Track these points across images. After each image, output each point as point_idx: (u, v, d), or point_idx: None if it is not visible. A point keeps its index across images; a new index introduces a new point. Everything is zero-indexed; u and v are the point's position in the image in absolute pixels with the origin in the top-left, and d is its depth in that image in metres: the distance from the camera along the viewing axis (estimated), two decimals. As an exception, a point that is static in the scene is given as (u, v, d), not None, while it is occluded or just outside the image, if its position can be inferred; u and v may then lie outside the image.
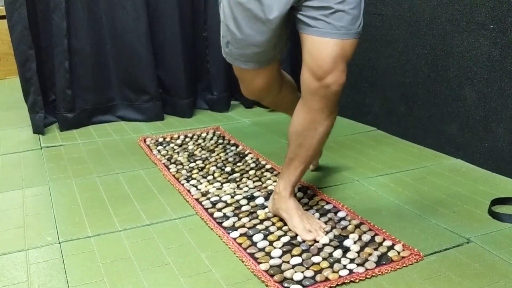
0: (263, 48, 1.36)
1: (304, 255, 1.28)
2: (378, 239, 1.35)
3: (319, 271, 1.21)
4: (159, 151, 2.04)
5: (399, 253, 1.28)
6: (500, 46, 1.71)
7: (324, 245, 1.32)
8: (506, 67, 1.70)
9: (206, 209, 1.53)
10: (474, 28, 1.78)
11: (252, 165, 1.88)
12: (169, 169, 1.85)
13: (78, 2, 2.28)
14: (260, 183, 1.73)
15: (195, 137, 2.22)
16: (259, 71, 1.46)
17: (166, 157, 1.97)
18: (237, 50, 1.39)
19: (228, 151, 2.04)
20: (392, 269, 1.22)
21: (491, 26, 1.72)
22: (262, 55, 1.39)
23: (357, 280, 1.18)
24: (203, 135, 2.24)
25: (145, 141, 2.17)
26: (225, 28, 1.39)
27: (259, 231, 1.40)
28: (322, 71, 1.25)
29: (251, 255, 1.28)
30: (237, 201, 1.59)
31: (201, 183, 1.73)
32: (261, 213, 1.50)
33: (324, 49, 1.25)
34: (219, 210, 1.53)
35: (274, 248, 1.31)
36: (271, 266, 1.23)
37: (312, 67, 1.27)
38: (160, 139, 2.19)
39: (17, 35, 2.19)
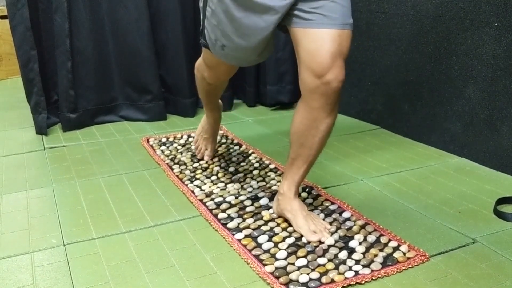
0: (261, 51, 1.39)
1: (310, 257, 1.27)
2: (383, 239, 1.35)
3: (325, 273, 1.21)
4: (162, 151, 2.04)
5: (404, 254, 1.28)
6: (504, 44, 1.70)
7: (330, 246, 1.32)
8: (511, 65, 1.69)
9: (211, 210, 1.53)
10: (478, 26, 1.77)
11: (256, 164, 1.88)
12: (172, 169, 1.85)
13: (80, 2, 2.28)
14: (264, 183, 1.72)
15: (198, 136, 2.21)
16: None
17: (170, 157, 1.97)
18: (234, 53, 1.41)
19: (231, 150, 2.04)
20: (398, 270, 1.22)
21: (496, 24, 1.71)
22: (257, 57, 1.43)
23: (363, 282, 1.18)
24: (206, 134, 2.23)
25: (148, 141, 2.17)
26: (219, 33, 1.39)
27: (264, 232, 1.39)
28: (321, 68, 1.25)
29: (256, 256, 1.28)
30: (241, 201, 1.58)
31: (205, 184, 1.72)
32: (265, 214, 1.49)
33: (321, 45, 1.25)
34: (224, 211, 1.52)
35: (279, 249, 1.31)
36: (276, 268, 1.23)
37: (310, 65, 1.26)
38: (164, 139, 2.19)
39: (19, 35, 2.19)
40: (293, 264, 1.25)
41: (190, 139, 2.18)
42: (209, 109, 1.88)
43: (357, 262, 1.25)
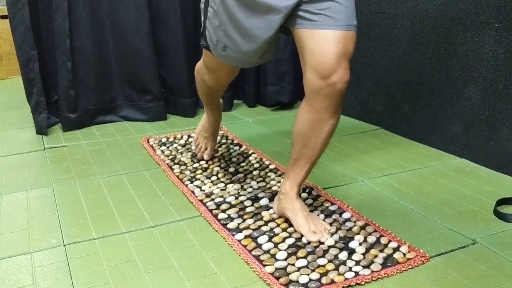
0: (263, 52, 1.38)
1: (310, 257, 1.27)
2: (383, 240, 1.35)
3: (325, 274, 1.21)
4: (162, 151, 2.04)
5: (404, 254, 1.28)
6: (505, 45, 1.70)
7: (330, 247, 1.32)
8: (511, 66, 1.69)
9: (211, 211, 1.53)
10: (479, 27, 1.77)
11: (256, 165, 1.88)
12: (172, 169, 1.85)
13: (80, 2, 2.28)
14: (264, 183, 1.72)
15: (198, 137, 2.21)
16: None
17: (170, 157, 1.97)
18: (236, 54, 1.40)
19: (231, 151, 2.04)
20: (398, 271, 1.22)
21: (496, 25, 1.71)
22: (259, 58, 1.41)
23: (363, 283, 1.18)
24: (206, 135, 2.23)
25: (148, 141, 2.17)
26: (221, 34, 1.38)
27: (264, 233, 1.39)
28: (326, 69, 1.25)
29: (256, 257, 1.28)
30: (241, 202, 1.58)
31: (205, 184, 1.72)
32: (265, 214, 1.49)
33: (326, 46, 1.25)
34: (224, 211, 1.52)
35: (279, 250, 1.31)
36: (276, 269, 1.23)
37: (315, 66, 1.26)
38: (164, 139, 2.19)
39: (20, 35, 2.19)
40: (293, 264, 1.25)
41: (190, 139, 2.18)
42: (210, 109, 1.88)
43: (357, 263, 1.25)
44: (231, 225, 1.44)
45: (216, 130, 1.95)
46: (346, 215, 1.48)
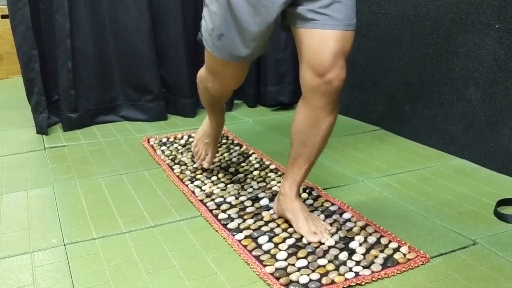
0: (261, 41, 1.33)
1: (310, 258, 1.27)
2: (383, 241, 1.35)
3: (325, 274, 1.21)
4: (163, 151, 2.04)
5: (405, 255, 1.28)
6: (505, 46, 1.70)
7: (330, 247, 1.32)
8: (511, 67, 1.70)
9: (211, 211, 1.53)
10: (480, 28, 1.77)
11: (256, 165, 1.88)
12: (173, 169, 1.85)
13: (80, 2, 2.28)
14: (264, 184, 1.72)
15: (199, 137, 2.21)
16: (241, 65, 1.44)
17: (170, 157, 1.97)
18: (231, 43, 1.34)
19: (232, 151, 2.04)
20: (398, 272, 1.22)
21: (497, 26, 1.71)
22: (255, 50, 1.36)
23: (363, 283, 1.18)
24: (207, 135, 2.23)
25: (148, 141, 2.17)
26: (218, 20, 1.33)
27: (264, 233, 1.39)
28: (323, 67, 1.25)
29: (257, 257, 1.28)
30: (242, 202, 1.58)
31: (205, 184, 1.72)
32: (266, 215, 1.49)
33: (325, 45, 1.25)
34: (224, 211, 1.52)
35: (280, 250, 1.31)
36: (276, 269, 1.23)
37: (313, 64, 1.27)
38: (164, 139, 2.19)
39: (20, 35, 2.19)
40: (293, 265, 1.25)
41: (191, 139, 2.18)
42: (212, 114, 1.78)
43: (358, 263, 1.25)
44: (232, 225, 1.44)
45: (218, 134, 1.83)
46: (346, 216, 1.48)
